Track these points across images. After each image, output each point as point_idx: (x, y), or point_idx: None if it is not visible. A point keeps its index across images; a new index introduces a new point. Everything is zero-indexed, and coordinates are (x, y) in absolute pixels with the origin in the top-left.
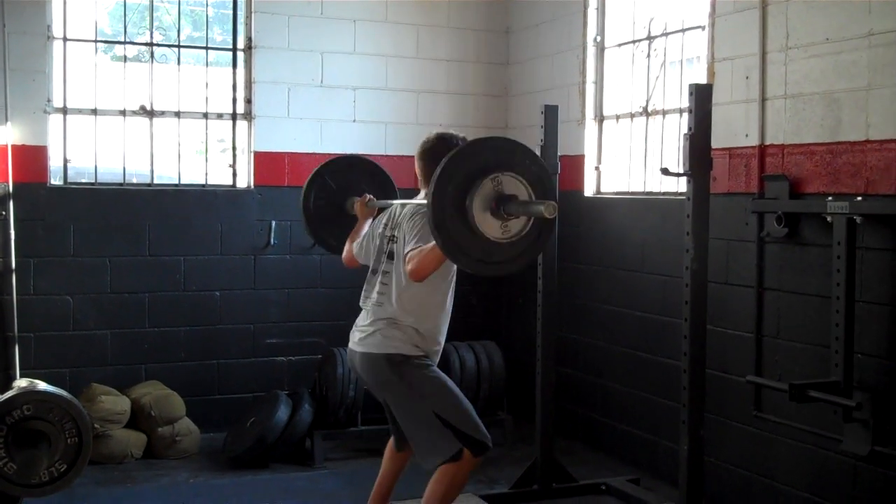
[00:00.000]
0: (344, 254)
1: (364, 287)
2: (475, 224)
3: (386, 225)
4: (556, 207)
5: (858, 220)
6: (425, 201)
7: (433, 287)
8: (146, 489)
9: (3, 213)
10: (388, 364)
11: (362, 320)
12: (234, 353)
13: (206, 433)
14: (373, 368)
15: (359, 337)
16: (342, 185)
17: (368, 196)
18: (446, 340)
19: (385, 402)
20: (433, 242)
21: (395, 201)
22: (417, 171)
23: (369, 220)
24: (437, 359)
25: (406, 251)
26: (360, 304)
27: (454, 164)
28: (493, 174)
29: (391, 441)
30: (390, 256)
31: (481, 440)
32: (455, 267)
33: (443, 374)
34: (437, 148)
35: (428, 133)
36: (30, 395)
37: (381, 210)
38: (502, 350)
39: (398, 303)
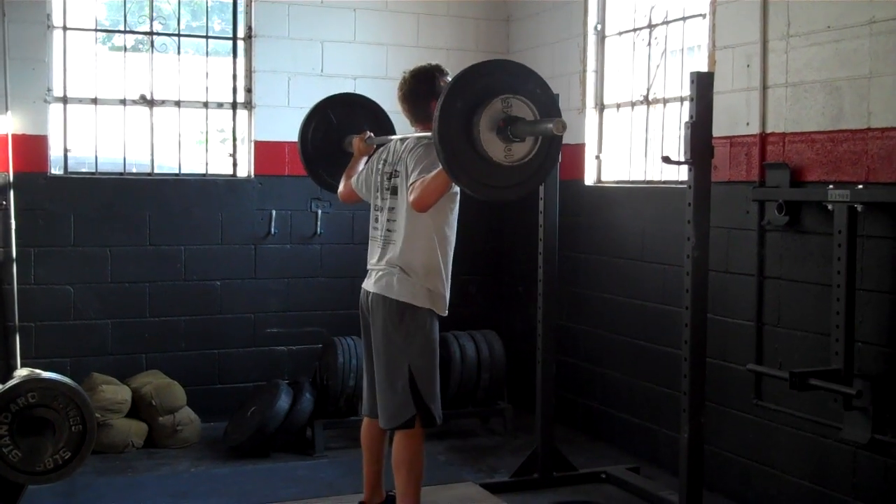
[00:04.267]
0: (341, 188)
1: (370, 223)
2: (480, 142)
3: (386, 161)
4: (564, 125)
5: (859, 208)
6: (425, 133)
7: (438, 219)
8: (147, 478)
9: (4, 202)
10: (397, 309)
11: (375, 259)
12: (235, 343)
13: (207, 422)
14: (381, 308)
15: (374, 279)
16: (342, 122)
17: (368, 133)
18: (446, 329)
19: (371, 350)
20: (435, 172)
21: (394, 137)
22: (404, 113)
23: (365, 158)
24: (448, 296)
25: (409, 182)
26: (370, 239)
27: (466, 79)
28: (504, 95)
29: (364, 422)
30: (393, 192)
31: (433, 413)
32: (458, 201)
33: (436, 340)
34: (416, 85)
35: (403, 74)
36: (34, 382)
37: (378, 148)
38: (503, 339)
39: (406, 237)
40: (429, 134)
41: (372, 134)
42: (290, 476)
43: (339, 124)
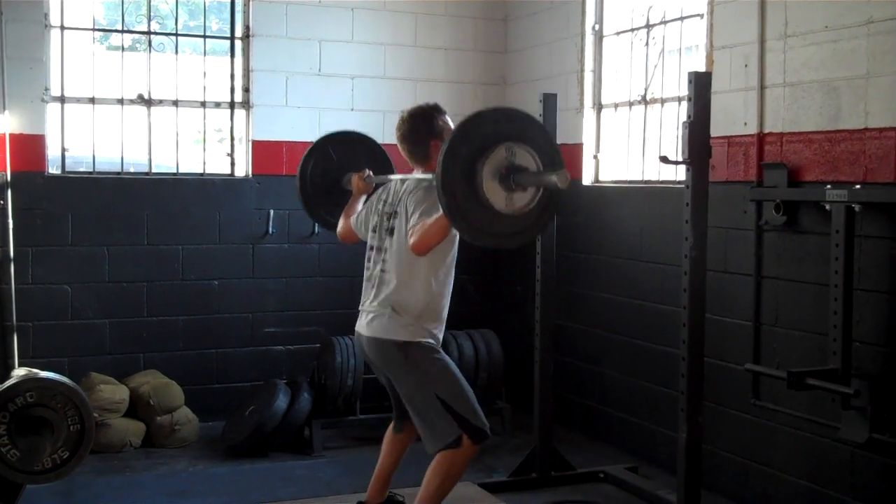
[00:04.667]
0: (339, 228)
1: (366, 264)
2: (482, 190)
3: (385, 201)
4: (569, 178)
5: (857, 208)
6: (425, 176)
7: (435, 261)
8: (145, 478)
9: (2, 202)
10: (395, 348)
11: (368, 301)
12: (233, 342)
13: (205, 422)
14: (380, 352)
15: (366, 321)
16: (342, 160)
17: (367, 171)
18: (444, 329)
19: (388, 382)
20: (435, 216)
21: (393, 177)
22: (404, 154)
23: (364, 197)
24: (441, 338)
25: (409, 225)
26: (364, 280)
27: (470, 126)
28: (508, 143)
29: (390, 426)
30: (391, 232)
31: (480, 427)
32: (456, 244)
33: (448, 359)
34: (414, 125)
35: (400, 115)
36: (32, 381)
37: (378, 187)
38: (500, 339)
39: (401, 279)
40: (429, 176)
41: (371, 173)
42: (288, 475)
43: (338, 162)
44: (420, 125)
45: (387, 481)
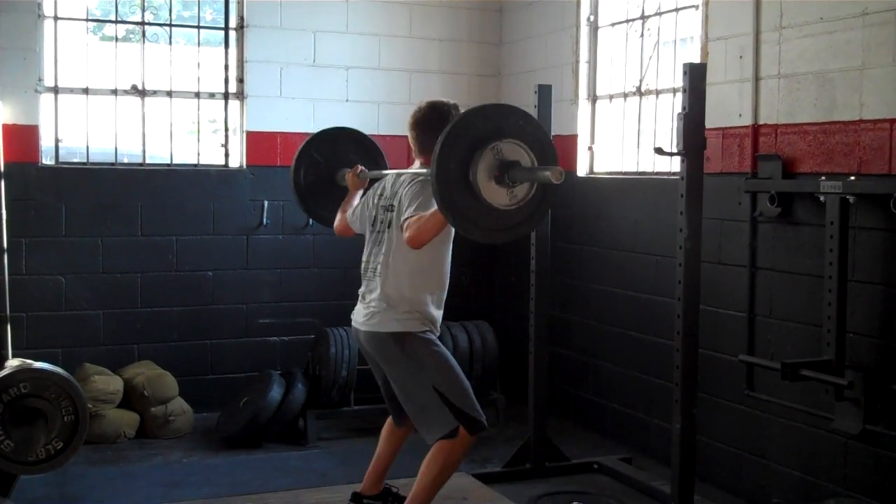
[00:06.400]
0: (336, 223)
1: (363, 258)
2: (482, 196)
3: (381, 195)
4: (562, 172)
5: (851, 199)
6: (421, 170)
7: (432, 254)
8: (139, 469)
9: None
10: (392, 340)
11: (366, 294)
12: (227, 333)
13: (199, 413)
14: (377, 345)
15: (363, 316)
16: (329, 158)
17: (360, 167)
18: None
19: (384, 380)
20: (432, 209)
21: (389, 171)
22: (410, 140)
23: (360, 191)
24: (439, 329)
25: (404, 218)
26: (361, 272)
27: (451, 140)
28: (492, 143)
29: (390, 419)
30: (388, 226)
31: (477, 418)
32: (452, 234)
33: (445, 350)
34: (430, 116)
35: (419, 103)
36: (26, 372)
37: (374, 181)
38: (495, 330)
39: (397, 272)
40: (425, 171)
41: (364, 168)
42: (282, 466)
43: (326, 161)
44: (435, 116)
45: (383, 473)
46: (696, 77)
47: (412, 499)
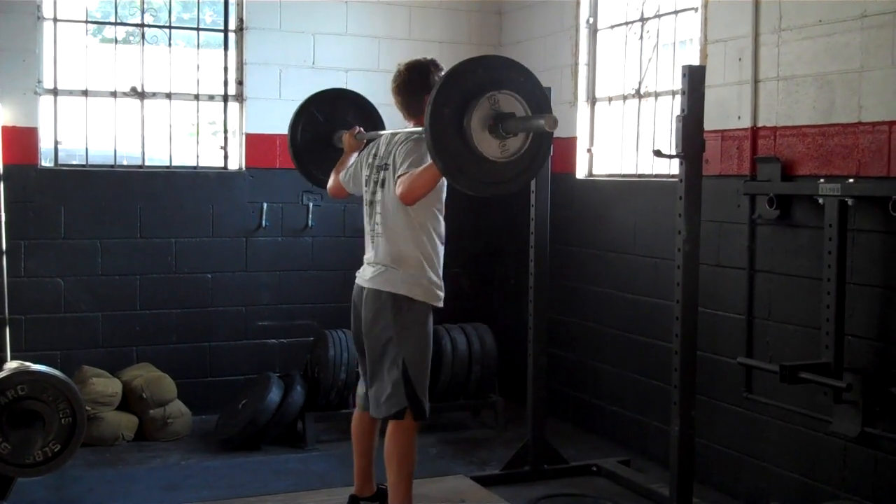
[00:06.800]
0: (329, 184)
1: (364, 219)
2: (474, 144)
3: (376, 155)
4: (556, 120)
5: (850, 202)
6: (416, 129)
7: (426, 210)
8: (138, 471)
9: None
10: (392, 301)
11: (369, 255)
12: (226, 336)
13: (198, 415)
14: (375, 302)
15: (369, 275)
16: (329, 118)
17: (358, 128)
18: (438, 322)
19: (363, 347)
20: (424, 165)
21: (384, 132)
22: (397, 106)
23: (355, 153)
24: (441, 300)
25: (397, 175)
26: (365, 234)
27: (449, 85)
28: (490, 93)
29: (356, 411)
30: (382, 185)
31: (424, 405)
32: (444, 192)
33: (430, 337)
34: (410, 78)
35: (398, 65)
36: (24, 374)
37: (370, 142)
38: (494, 332)
39: (396, 230)
40: (419, 129)
41: (362, 129)
42: (281, 469)
43: (326, 121)
44: (416, 78)
45: (369, 470)
46: (694, 79)
47: (392, 497)
